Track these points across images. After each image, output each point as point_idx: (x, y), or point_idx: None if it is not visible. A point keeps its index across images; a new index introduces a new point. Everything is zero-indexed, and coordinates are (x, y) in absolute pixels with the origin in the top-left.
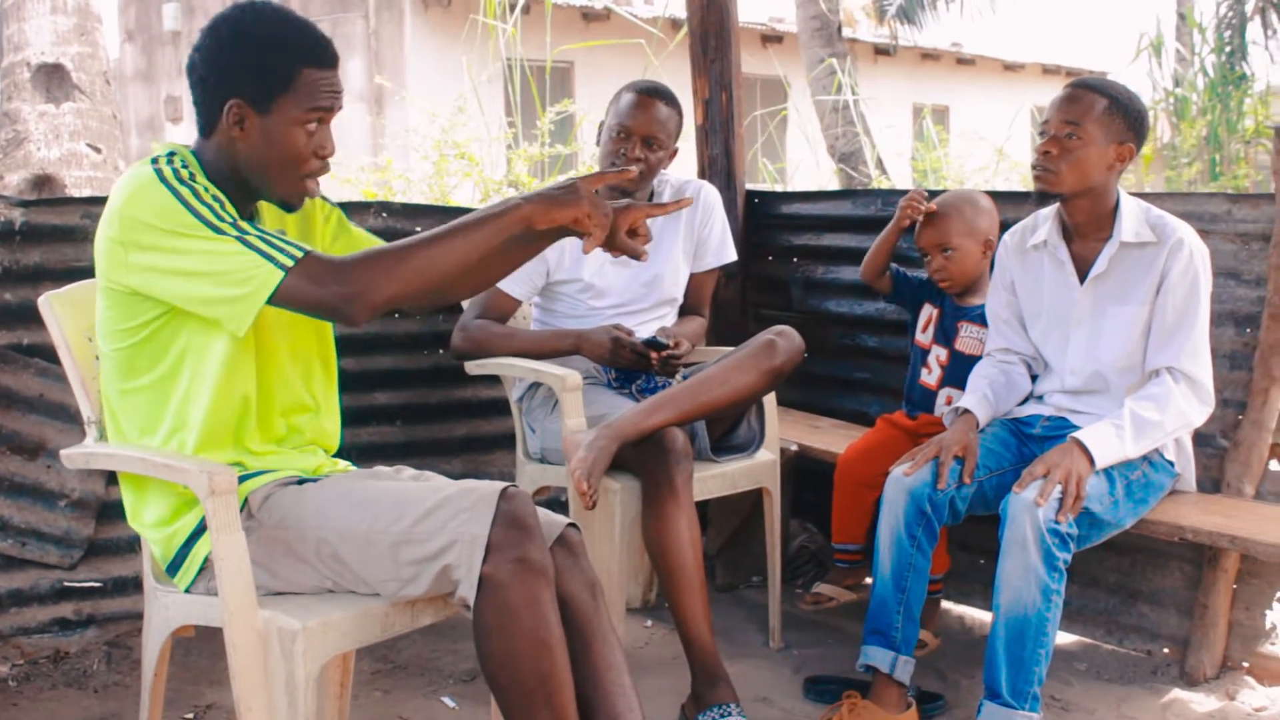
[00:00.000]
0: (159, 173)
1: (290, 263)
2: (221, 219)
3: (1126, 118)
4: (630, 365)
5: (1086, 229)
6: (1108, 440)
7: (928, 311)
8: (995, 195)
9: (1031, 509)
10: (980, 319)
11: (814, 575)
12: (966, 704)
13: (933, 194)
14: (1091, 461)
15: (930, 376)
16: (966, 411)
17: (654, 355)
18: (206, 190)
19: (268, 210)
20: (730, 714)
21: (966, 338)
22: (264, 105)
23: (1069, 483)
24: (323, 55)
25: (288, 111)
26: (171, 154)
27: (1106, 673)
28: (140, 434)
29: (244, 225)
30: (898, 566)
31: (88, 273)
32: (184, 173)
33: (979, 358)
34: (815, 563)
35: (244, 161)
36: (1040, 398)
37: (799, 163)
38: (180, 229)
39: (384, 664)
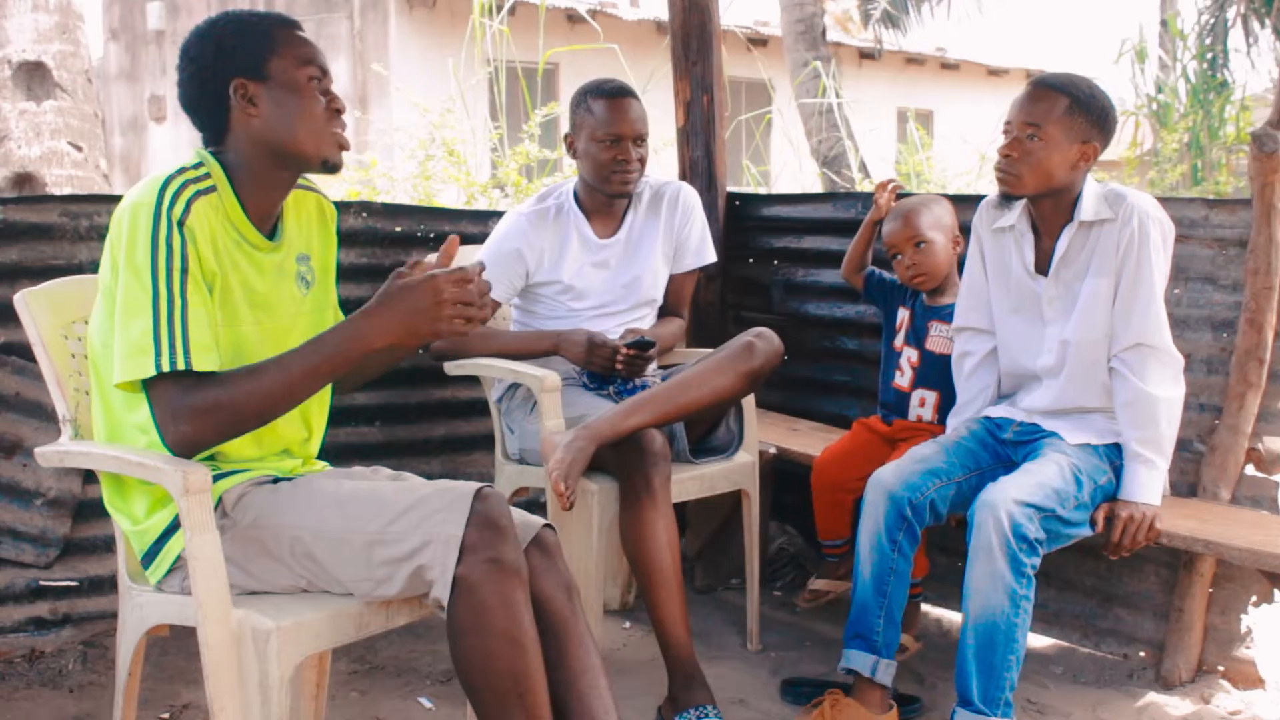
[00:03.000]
0: (160, 198)
1: (167, 367)
2: (172, 277)
3: (1090, 116)
4: (603, 369)
5: (1052, 223)
6: (1147, 480)
7: (901, 315)
8: (977, 199)
9: (997, 516)
10: (949, 318)
11: (793, 577)
12: (943, 707)
13: (902, 196)
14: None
15: (903, 379)
16: None
17: (622, 353)
18: (179, 238)
19: (293, 219)
20: (707, 716)
21: (936, 336)
22: (260, 71)
23: (1142, 526)
24: (287, 20)
25: (284, 71)
26: (198, 164)
27: (1083, 676)
28: (116, 433)
29: (176, 293)
30: (878, 571)
31: (65, 271)
32: (179, 206)
33: (950, 357)
34: (794, 565)
35: (268, 138)
36: (1013, 399)
37: (783, 166)
38: (137, 264)
39: (361, 664)
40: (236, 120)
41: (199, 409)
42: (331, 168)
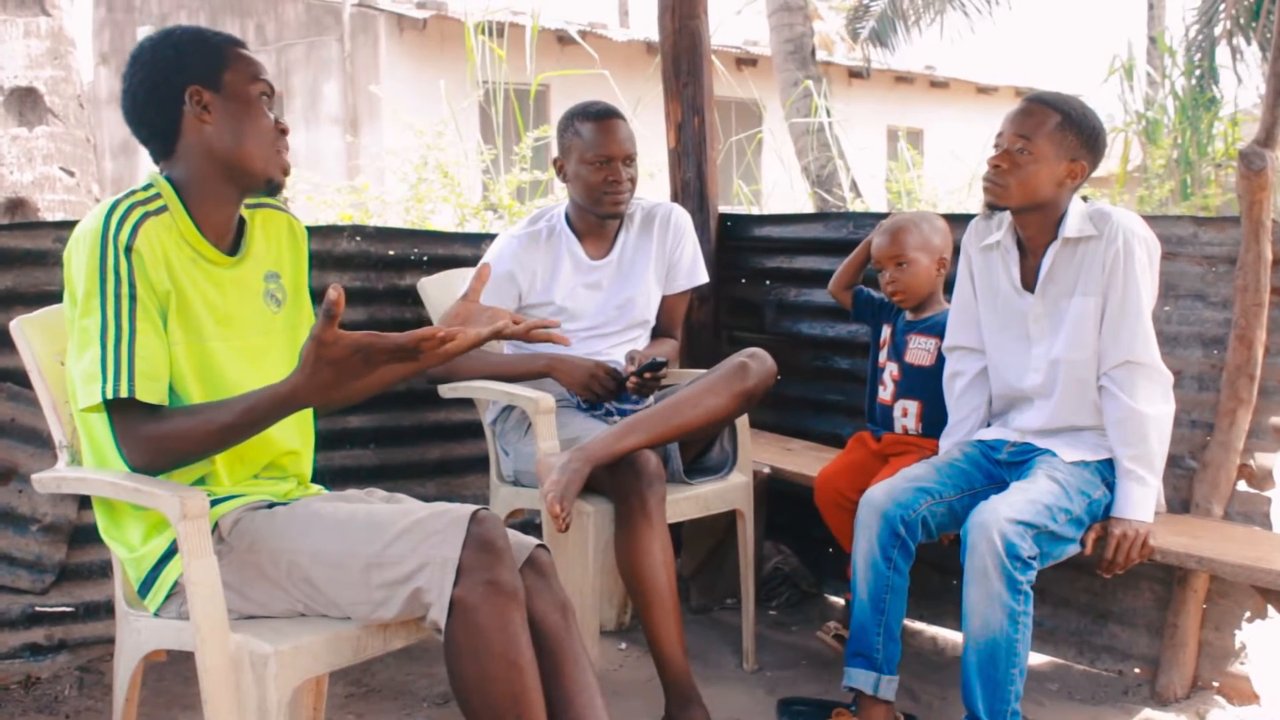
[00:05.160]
0: (106, 225)
1: (111, 395)
2: (120, 305)
3: (1080, 135)
4: (601, 398)
5: (1037, 242)
6: (1139, 497)
7: (884, 332)
8: (967, 218)
9: (990, 536)
10: (928, 330)
11: (788, 596)
12: None
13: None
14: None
15: (885, 392)
16: None
17: (634, 378)
18: (126, 265)
19: (261, 236)
20: None
21: (915, 349)
22: (216, 81)
23: (1136, 543)
24: (236, 39)
25: (238, 84)
26: (148, 185)
27: (1078, 693)
28: (102, 460)
29: (124, 320)
30: (875, 589)
31: (59, 297)
32: (125, 231)
33: (928, 368)
34: (789, 584)
35: (219, 149)
36: (1005, 419)
37: (774, 185)
38: (86, 293)
39: (358, 687)
40: (188, 128)
41: (147, 439)
42: (275, 188)
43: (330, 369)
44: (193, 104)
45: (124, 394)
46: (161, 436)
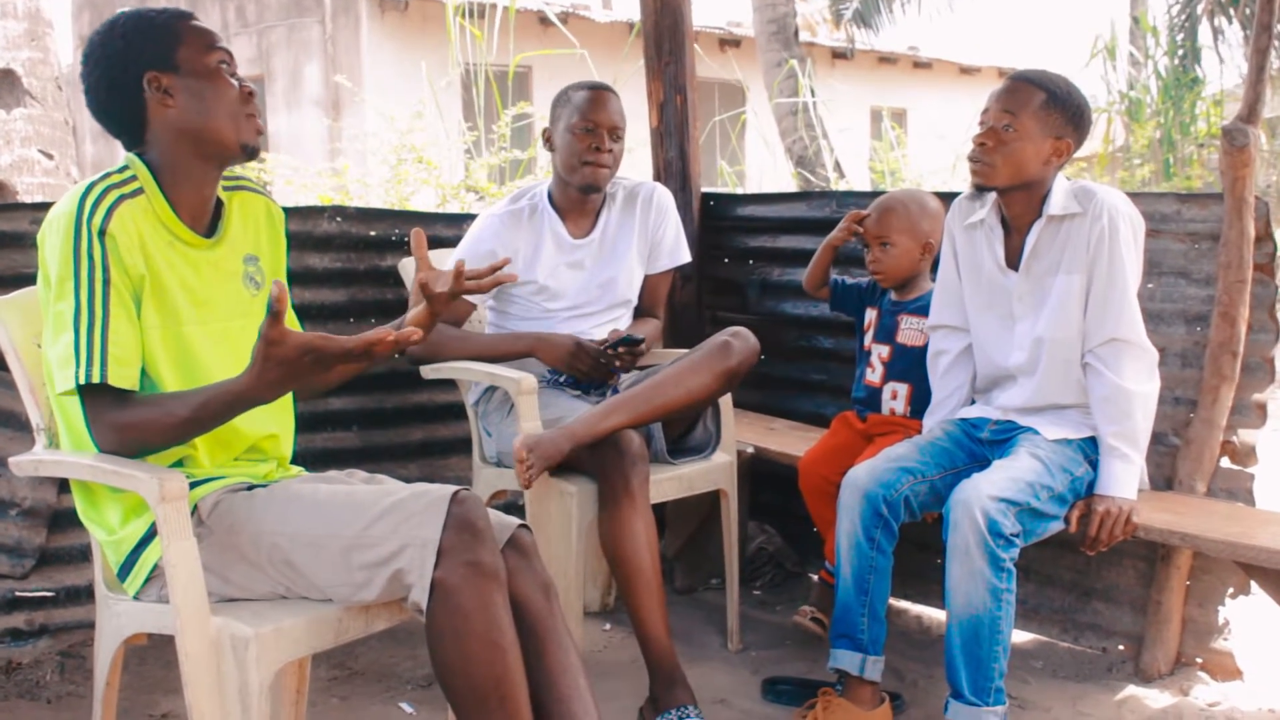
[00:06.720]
0: (80, 208)
1: (83, 380)
2: (94, 289)
3: (1065, 112)
4: (586, 375)
5: (1022, 220)
6: (1123, 475)
7: (869, 315)
8: (951, 196)
9: (972, 514)
10: (921, 310)
11: (772, 576)
12: (924, 703)
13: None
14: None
15: (874, 375)
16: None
17: (609, 349)
18: (100, 248)
19: (239, 219)
20: (688, 716)
21: (908, 329)
22: (170, 63)
23: (1119, 520)
24: (184, 12)
25: (193, 59)
26: (123, 168)
27: (1063, 670)
28: (80, 443)
29: (98, 305)
30: (859, 570)
31: (35, 279)
32: (100, 215)
33: (921, 348)
34: (773, 564)
35: (188, 128)
36: (988, 397)
37: (759, 167)
38: (60, 277)
39: (341, 670)
40: (153, 115)
41: (114, 425)
42: (251, 152)
43: (279, 368)
44: (153, 90)
45: (96, 379)
46: (126, 425)
